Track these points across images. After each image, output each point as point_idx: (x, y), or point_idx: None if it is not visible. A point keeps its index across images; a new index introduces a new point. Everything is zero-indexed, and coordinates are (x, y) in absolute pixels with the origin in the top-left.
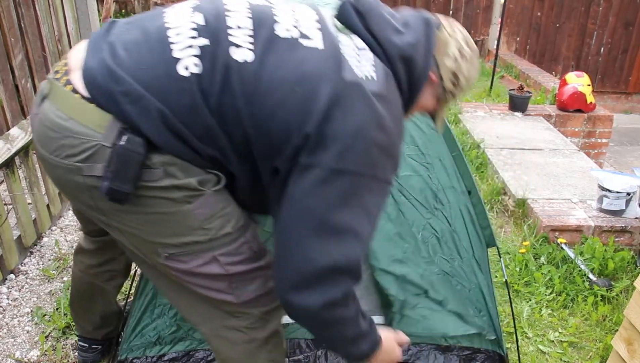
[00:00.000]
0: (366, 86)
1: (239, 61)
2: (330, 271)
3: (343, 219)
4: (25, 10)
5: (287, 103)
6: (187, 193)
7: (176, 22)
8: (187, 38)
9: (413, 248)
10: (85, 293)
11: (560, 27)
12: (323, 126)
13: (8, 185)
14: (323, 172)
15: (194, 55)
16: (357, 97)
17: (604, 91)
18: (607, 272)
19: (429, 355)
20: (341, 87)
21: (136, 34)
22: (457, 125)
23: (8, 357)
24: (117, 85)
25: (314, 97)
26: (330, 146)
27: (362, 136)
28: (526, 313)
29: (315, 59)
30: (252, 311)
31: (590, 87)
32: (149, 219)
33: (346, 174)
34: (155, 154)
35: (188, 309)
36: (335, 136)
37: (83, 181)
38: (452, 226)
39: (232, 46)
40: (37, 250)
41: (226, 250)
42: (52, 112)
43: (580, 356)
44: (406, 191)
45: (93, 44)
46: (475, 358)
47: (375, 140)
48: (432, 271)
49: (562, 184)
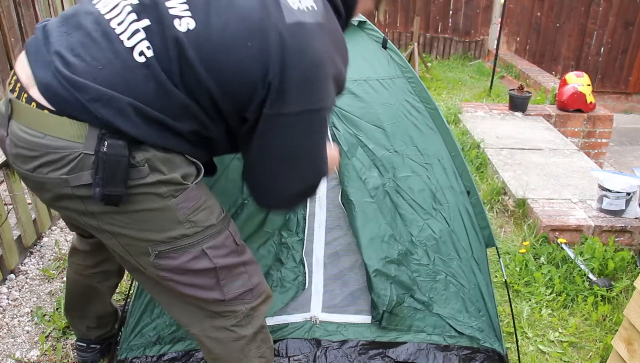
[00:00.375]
0: (308, 21)
1: (183, 31)
2: (302, 193)
3: (312, 149)
4: (25, 10)
5: (244, 59)
6: (172, 187)
7: (112, 10)
8: (130, 23)
9: (407, 249)
10: (80, 295)
11: (560, 27)
12: (282, 73)
13: (8, 185)
14: (289, 118)
15: (142, 39)
16: (302, 38)
17: (604, 91)
18: (607, 272)
19: (429, 354)
20: (286, 31)
21: (78, 36)
22: (457, 125)
23: (8, 357)
24: (83, 93)
25: (267, 48)
26: (291, 92)
27: (316, 74)
28: (526, 313)
29: (254, 8)
30: (239, 309)
31: (590, 87)
32: (138, 217)
33: (309, 112)
34: (138, 152)
35: (178, 312)
36: (293, 82)
37: (71, 191)
38: (451, 226)
39: (175, 19)
40: (37, 250)
41: (213, 242)
42: (24, 131)
43: (580, 356)
44: (404, 191)
45: (35, 56)
46: (475, 358)
47: (327, 73)
48: (425, 273)
49: (562, 184)
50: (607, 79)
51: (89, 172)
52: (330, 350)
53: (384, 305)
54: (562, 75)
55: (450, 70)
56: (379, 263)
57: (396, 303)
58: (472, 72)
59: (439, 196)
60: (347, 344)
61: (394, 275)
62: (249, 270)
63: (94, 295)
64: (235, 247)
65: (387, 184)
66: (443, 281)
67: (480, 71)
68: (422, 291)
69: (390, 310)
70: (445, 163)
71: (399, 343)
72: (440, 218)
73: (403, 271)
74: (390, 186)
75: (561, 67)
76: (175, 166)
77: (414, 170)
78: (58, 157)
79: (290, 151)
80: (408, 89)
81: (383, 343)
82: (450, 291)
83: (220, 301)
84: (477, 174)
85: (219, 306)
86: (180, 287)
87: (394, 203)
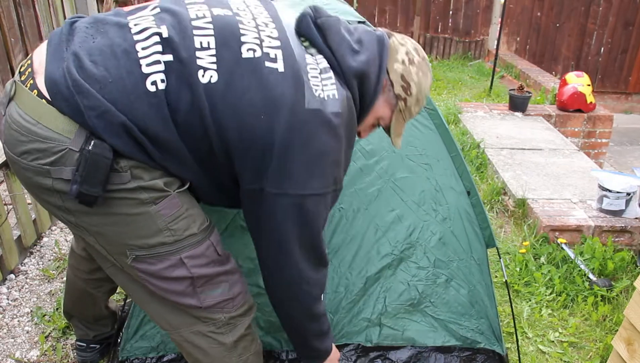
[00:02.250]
0: (326, 109)
1: (204, 82)
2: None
3: (311, 233)
4: (25, 10)
5: (254, 128)
6: (153, 194)
7: (141, 33)
8: (154, 53)
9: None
10: (77, 297)
11: (560, 27)
12: (285, 154)
13: (8, 185)
14: (290, 199)
15: (160, 70)
16: (316, 124)
17: (604, 91)
18: (607, 272)
19: (430, 356)
20: (301, 114)
21: (101, 43)
22: (457, 125)
23: (8, 357)
24: (83, 98)
25: (277, 124)
26: (294, 174)
27: (322, 161)
28: (526, 313)
29: (278, 83)
30: (217, 317)
31: (590, 87)
32: (116, 221)
33: (312, 196)
34: (122, 159)
35: (157, 314)
36: (298, 165)
37: (51, 183)
38: (451, 227)
39: (200, 69)
40: (37, 250)
41: (192, 252)
42: (20, 115)
43: (580, 356)
44: (403, 192)
45: (54, 49)
46: (476, 359)
47: (334, 161)
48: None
49: (562, 184)
50: (607, 79)
51: (71, 168)
52: None
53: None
54: (562, 75)
55: (450, 70)
56: (378, 265)
57: (395, 306)
58: (472, 72)
59: (439, 197)
60: (348, 347)
61: (392, 277)
62: (230, 279)
63: (90, 299)
64: (217, 257)
65: (386, 185)
66: (443, 283)
67: (480, 71)
68: (421, 294)
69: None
70: (445, 163)
71: (400, 346)
72: (441, 219)
73: (402, 274)
74: (389, 186)
75: (561, 67)
76: (158, 174)
77: (413, 171)
78: (44, 147)
79: (276, 233)
80: None
81: (383, 346)
82: (450, 294)
83: (197, 307)
84: (477, 175)
85: (196, 311)
86: (157, 290)
87: (393, 204)
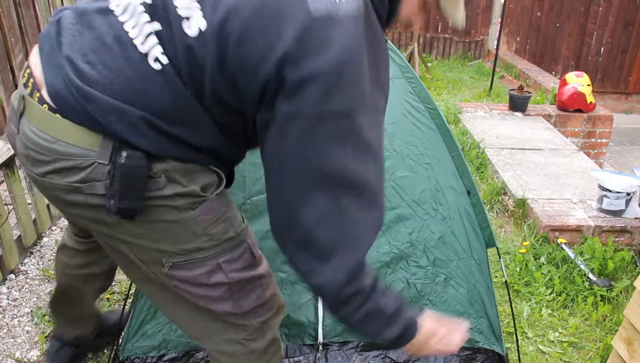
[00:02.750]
0: (338, 13)
1: (194, 35)
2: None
3: (347, 167)
4: (25, 10)
5: (256, 52)
6: (191, 200)
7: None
8: (144, 25)
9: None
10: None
11: (560, 27)
12: (294, 66)
13: (8, 185)
14: (306, 120)
15: (156, 43)
16: (330, 30)
17: (604, 91)
18: (607, 272)
19: (429, 355)
20: (308, 24)
21: (89, 38)
22: (457, 125)
23: (8, 357)
24: (93, 105)
25: (282, 38)
26: (309, 87)
27: (343, 69)
28: (526, 313)
29: None
30: (250, 323)
31: (590, 87)
32: (153, 228)
33: (333, 116)
34: (155, 163)
35: (188, 323)
36: (313, 76)
37: (84, 199)
38: (451, 226)
39: (183, 20)
40: (37, 250)
41: (229, 256)
42: (35, 133)
43: (580, 356)
44: (404, 191)
45: (47, 56)
46: (475, 359)
47: (359, 71)
48: (424, 274)
49: (562, 184)
50: (607, 79)
51: (103, 183)
52: (330, 351)
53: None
54: (562, 75)
55: (450, 70)
56: (377, 263)
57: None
58: (472, 72)
59: (439, 197)
60: (348, 345)
61: (391, 275)
62: (263, 283)
63: (75, 295)
64: (252, 260)
65: (386, 184)
66: (442, 282)
67: (480, 71)
68: (420, 292)
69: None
70: (446, 163)
71: None
72: (440, 219)
73: (401, 272)
74: (389, 185)
75: (561, 67)
76: (195, 177)
77: (414, 170)
78: (70, 165)
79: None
80: (408, 90)
81: (384, 344)
82: (449, 292)
83: (232, 314)
84: (477, 174)
85: (231, 318)
86: (192, 297)
87: (393, 203)
